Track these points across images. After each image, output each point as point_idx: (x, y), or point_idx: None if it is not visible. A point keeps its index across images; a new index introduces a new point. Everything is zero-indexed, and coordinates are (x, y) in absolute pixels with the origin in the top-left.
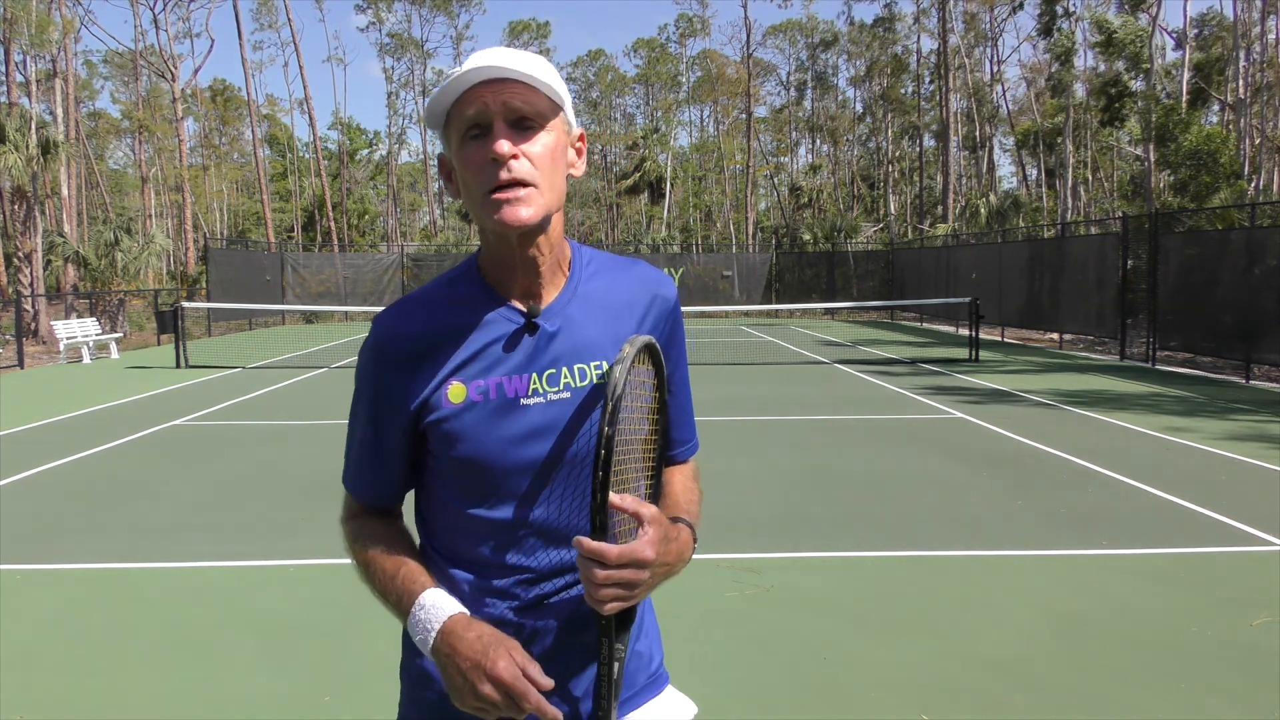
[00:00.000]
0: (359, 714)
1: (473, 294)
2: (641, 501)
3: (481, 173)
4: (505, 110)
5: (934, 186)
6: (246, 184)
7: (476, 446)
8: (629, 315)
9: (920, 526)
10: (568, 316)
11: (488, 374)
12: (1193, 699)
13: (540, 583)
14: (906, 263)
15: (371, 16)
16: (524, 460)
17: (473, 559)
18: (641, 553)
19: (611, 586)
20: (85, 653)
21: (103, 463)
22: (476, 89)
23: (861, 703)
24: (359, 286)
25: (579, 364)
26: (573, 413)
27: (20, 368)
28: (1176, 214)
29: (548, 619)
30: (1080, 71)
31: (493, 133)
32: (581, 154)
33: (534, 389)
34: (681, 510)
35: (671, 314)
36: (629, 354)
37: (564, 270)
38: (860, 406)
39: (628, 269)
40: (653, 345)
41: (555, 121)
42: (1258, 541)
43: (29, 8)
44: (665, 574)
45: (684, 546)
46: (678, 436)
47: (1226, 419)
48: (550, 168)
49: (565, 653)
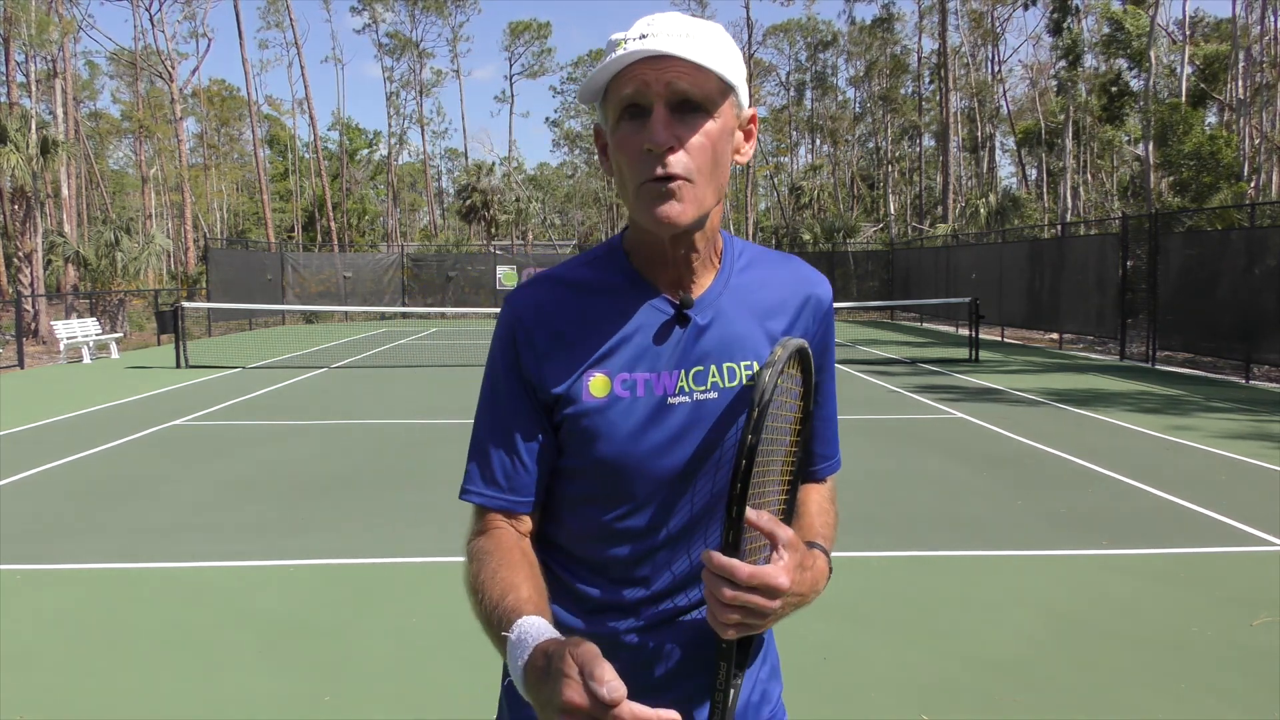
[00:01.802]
0: (359, 714)
1: (617, 278)
2: (778, 522)
3: (635, 160)
4: (668, 93)
5: (934, 186)
6: (247, 184)
7: (617, 446)
8: (781, 314)
9: (920, 526)
10: (720, 310)
11: (633, 368)
12: (1193, 699)
13: (667, 599)
14: (906, 263)
15: (368, 17)
16: (666, 464)
17: (597, 570)
18: (775, 579)
19: (737, 609)
20: (85, 653)
21: (103, 463)
22: (637, 65)
23: (861, 703)
24: (359, 286)
25: (728, 363)
26: (718, 415)
27: (20, 368)
28: (1176, 214)
29: (673, 639)
30: (1082, 71)
31: (651, 119)
32: (751, 137)
33: (681, 387)
34: (816, 534)
35: (826, 317)
36: (781, 357)
37: (715, 261)
38: (860, 406)
39: (783, 264)
40: (805, 350)
41: (725, 105)
42: (1258, 541)
43: (29, 8)
44: (797, 604)
45: (819, 576)
46: (820, 452)
47: (1226, 419)
48: (712, 161)
49: (687, 676)
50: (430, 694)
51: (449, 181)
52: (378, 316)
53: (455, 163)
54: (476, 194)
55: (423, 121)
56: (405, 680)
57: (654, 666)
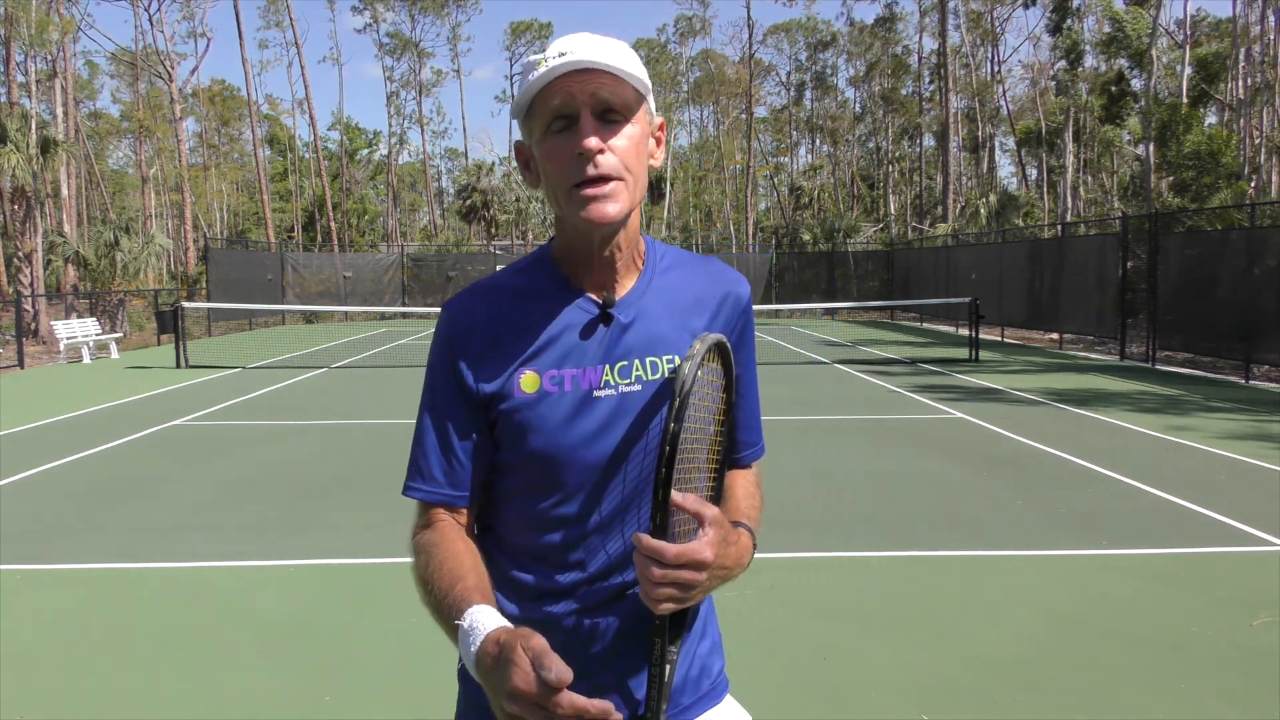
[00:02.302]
0: (359, 714)
1: (546, 283)
2: (704, 502)
3: (567, 166)
4: (593, 102)
5: (934, 186)
6: (247, 184)
7: (548, 438)
8: (701, 311)
9: (920, 526)
10: (641, 309)
11: (562, 364)
12: (1193, 699)
13: (602, 580)
14: (906, 263)
15: (369, 17)
16: (594, 453)
17: (535, 555)
18: (700, 554)
19: (667, 586)
20: (85, 653)
21: (103, 463)
22: (563, 79)
23: (861, 703)
24: (359, 286)
25: (651, 357)
26: (643, 406)
27: (20, 368)
28: (1176, 214)
29: (609, 618)
30: (1082, 71)
31: (580, 126)
32: (661, 143)
33: (606, 380)
34: (742, 514)
35: (744, 314)
36: (699, 350)
37: (638, 263)
38: (860, 406)
39: (702, 265)
40: (723, 344)
41: (640, 112)
42: (1258, 541)
43: (29, 8)
44: (723, 577)
45: (743, 551)
46: (743, 439)
47: (1226, 419)
48: (636, 161)
49: (625, 653)
50: (430, 694)
51: (449, 181)
52: (378, 316)
53: (455, 163)
54: (476, 194)
55: (423, 121)
56: (405, 680)
57: (592, 646)
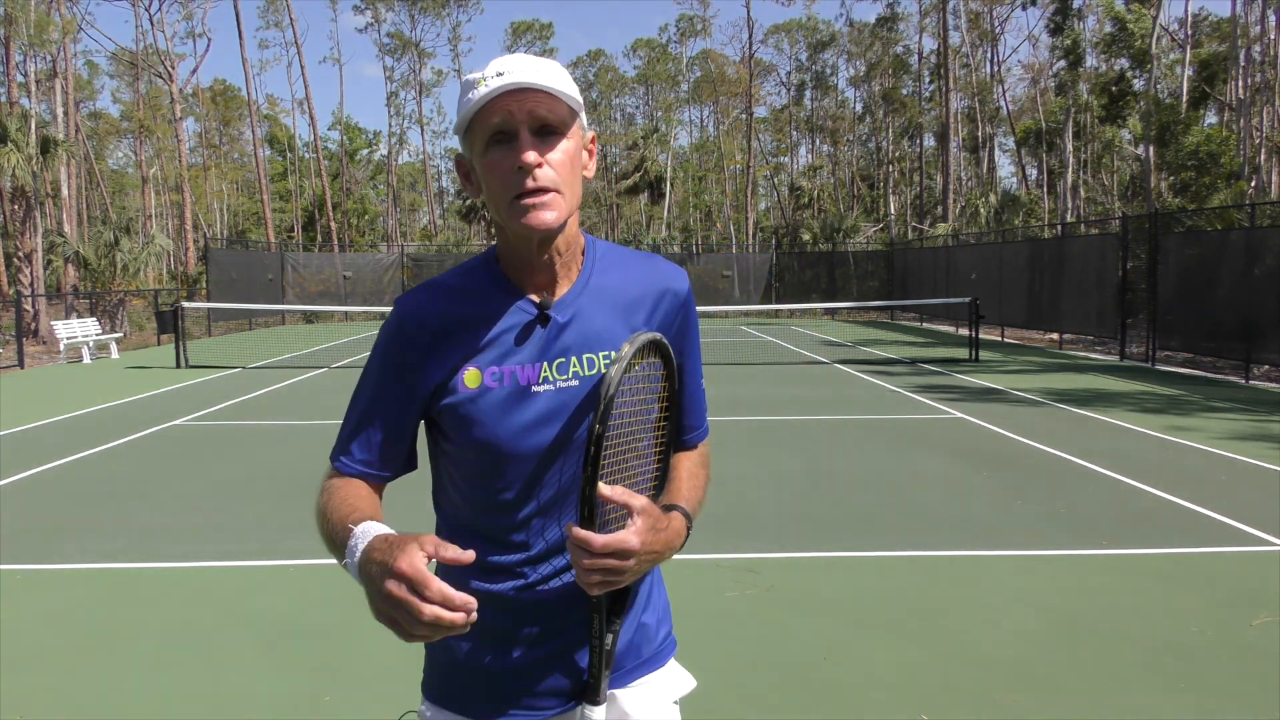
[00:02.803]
0: (359, 714)
1: (490, 285)
2: (630, 493)
3: (508, 179)
4: (530, 119)
5: (934, 186)
6: (247, 184)
7: (489, 430)
8: (640, 308)
9: (920, 526)
10: (578, 309)
11: (502, 361)
12: (1193, 699)
13: (543, 561)
14: (906, 263)
15: (370, 17)
16: (533, 444)
17: (484, 537)
18: (626, 543)
19: (596, 573)
20: (85, 653)
21: (103, 463)
22: (501, 98)
23: (861, 703)
24: (359, 286)
25: (588, 354)
26: (580, 400)
27: (20, 368)
28: (1176, 214)
29: (550, 596)
30: (1083, 71)
31: (519, 141)
32: (593, 155)
33: (544, 377)
34: (681, 497)
35: (683, 307)
36: (627, 353)
37: (578, 265)
38: (860, 406)
39: (641, 262)
40: (658, 340)
41: (574, 128)
42: (1258, 541)
43: (29, 8)
44: (653, 560)
45: (674, 535)
46: (687, 423)
47: (1226, 419)
48: (570, 173)
49: (567, 628)
50: None
51: (449, 181)
52: (378, 316)
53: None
54: None
55: (423, 121)
56: (405, 680)
57: (538, 620)
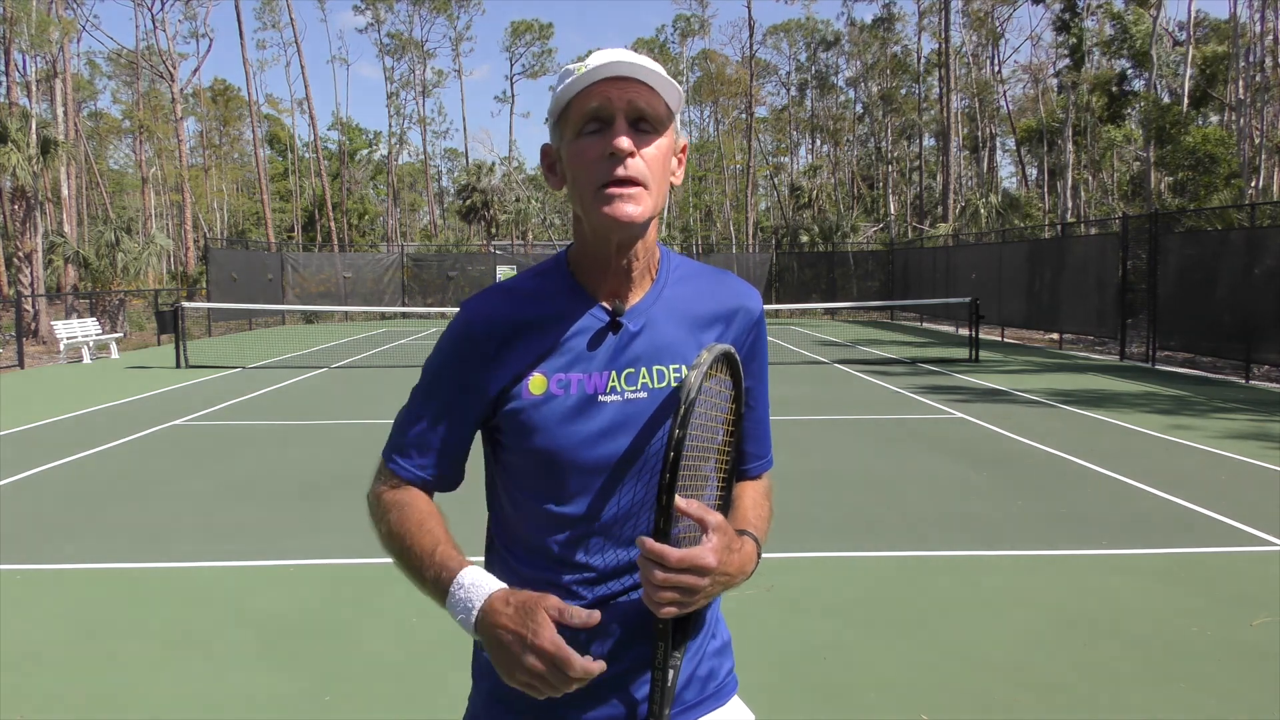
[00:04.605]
0: (359, 714)
1: (561, 289)
2: (707, 508)
3: (596, 166)
4: (629, 108)
5: (934, 186)
6: (247, 184)
7: (551, 439)
8: (712, 324)
9: (920, 526)
10: (651, 318)
11: (569, 369)
12: (1193, 699)
13: (605, 582)
14: (906, 263)
15: (371, 17)
16: (597, 456)
17: (539, 554)
18: (703, 559)
19: (669, 590)
20: (85, 653)
21: (103, 463)
22: (601, 85)
23: (861, 703)
24: (359, 286)
25: (658, 365)
26: (649, 413)
27: (20, 368)
28: (1176, 214)
29: (610, 620)
30: (1084, 71)
31: (614, 128)
32: (682, 164)
33: (612, 386)
34: (749, 524)
35: (755, 328)
36: (706, 360)
37: (652, 274)
38: (860, 406)
39: (715, 278)
40: (731, 355)
41: (669, 129)
42: (1258, 541)
43: (29, 8)
44: (725, 584)
45: (746, 559)
46: (751, 451)
47: (1226, 419)
48: (661, 172)
49: (626, 655)
50: (431, 694)
51: (449, 181)
52: (378, 316)
53: (455, 163)
54: (477, 194)
55: (423, 121)
56: (406, 680)
57: (593, 646)
